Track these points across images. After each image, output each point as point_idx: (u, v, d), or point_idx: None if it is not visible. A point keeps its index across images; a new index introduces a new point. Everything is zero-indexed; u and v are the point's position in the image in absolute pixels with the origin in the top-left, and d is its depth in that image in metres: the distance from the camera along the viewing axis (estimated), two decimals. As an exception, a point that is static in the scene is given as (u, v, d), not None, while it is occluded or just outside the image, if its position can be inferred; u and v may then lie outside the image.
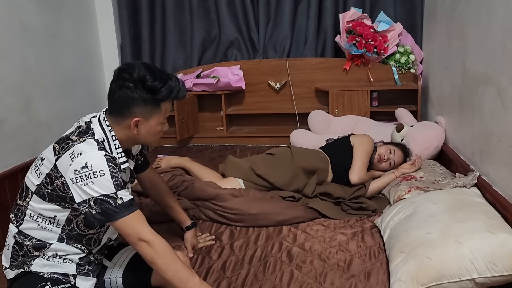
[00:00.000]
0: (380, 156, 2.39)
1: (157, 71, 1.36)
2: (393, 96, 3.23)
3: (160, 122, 1.41)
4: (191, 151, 3.25)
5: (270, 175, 2.25)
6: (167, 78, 1.36)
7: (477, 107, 2.09)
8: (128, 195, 1.30)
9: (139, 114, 1.35)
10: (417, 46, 3.19)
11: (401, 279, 1.45)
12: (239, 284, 1.59)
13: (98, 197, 1.25)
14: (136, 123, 1.36)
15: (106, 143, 1.35)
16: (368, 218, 2.09)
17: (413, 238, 1.59)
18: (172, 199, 1.79)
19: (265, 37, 3.38)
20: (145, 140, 1.45)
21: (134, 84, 1.32)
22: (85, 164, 1.25)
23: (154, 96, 1.34)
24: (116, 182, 1.28)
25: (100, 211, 1.26)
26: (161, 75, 1.35)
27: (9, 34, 2.46)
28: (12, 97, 2.46)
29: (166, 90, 1.35)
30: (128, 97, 1.33)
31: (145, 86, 1.32)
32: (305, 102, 3.35)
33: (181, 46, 3.51)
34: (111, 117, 1.39)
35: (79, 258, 1.42)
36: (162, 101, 1.37)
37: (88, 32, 3.30)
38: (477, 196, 1.84)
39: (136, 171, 1.67)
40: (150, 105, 1.35)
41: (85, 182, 1.25)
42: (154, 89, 1.33)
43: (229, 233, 1.99)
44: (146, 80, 1.32)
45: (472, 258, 1.41)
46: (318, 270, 1.66)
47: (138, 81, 1.32)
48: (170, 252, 1.32)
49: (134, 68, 1.33)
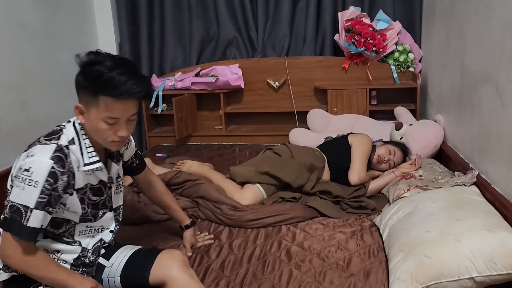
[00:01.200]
0: (380, 157, 2.38)
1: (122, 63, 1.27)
2: (392, 95, 3.22)
3: (100, 118, 1.27)
4: (190, 150, 3.25)
5: (277, 171, 2.23)
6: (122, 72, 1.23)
7: (476, 106, 2.09)
8: (38, 221, 1.23)
9: (81, 100, 1.29)
10: (416, 45, 3.18)
11: (400, 278, 1.45)
12: (238, 283, 1.59)
13: (16, 204, 1.22)
14: (79, 110, 1.30)
15: (76, 144, 1.31)
16: (367, 217, 2.09)
17: (412, 236, 1.58)
18: (170, 198, 1.78)
19: (264, 35, 3.38)
20: (95, 137, 1.33)
21: (80, 66, 1.27)
22: (28, 168, 1.23)
23: (89, 83, 1.24)
24: (42, 199, 1.22)
25: (9, 217, 1.22)
26: (116, 67, 1.24)
27: (7, 32, 2.45)
28: (10, 96, 2.45)
29: (104, 81, 1.22)
30: (76, 78, 1.28)
31: (85, 69, 1.25)
32: (304, 100, 3.35)
33: (180, 44, 3.51)
34: None
35: (73, 259, 1.41)
36: (99, 94, 1.24)
37: (87, 31, 3.30)
38: (476, 194, 1.84)
39: (131, 173, 1.66)
40: (88, 94, 1.26)
41: (18, 184, 1.22)
42: (90, 75, 1.23)
43: (228, 232, 1.99)
44: (89, 64, 1.24)
45: (472, 257, 1.40)
46: (317, 269, 1.66)
47: (84, 63, 1.25)
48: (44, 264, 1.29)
49: (94, 53, 1.27)
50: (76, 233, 1.43)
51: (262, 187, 2.21)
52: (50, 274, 1.30)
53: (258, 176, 2.22)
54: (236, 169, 2.30)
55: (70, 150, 1.30)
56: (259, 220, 2.02)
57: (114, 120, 1.28)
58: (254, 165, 2.28)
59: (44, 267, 1.30)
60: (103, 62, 1.24)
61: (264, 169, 2.23)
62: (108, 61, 1.25)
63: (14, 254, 1.26)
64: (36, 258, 1.29)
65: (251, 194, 2.17)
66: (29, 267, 1.29)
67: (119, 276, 1.48)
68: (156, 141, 3.47)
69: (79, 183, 1.34)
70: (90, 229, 1.46)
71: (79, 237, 1.44)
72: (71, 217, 1.38)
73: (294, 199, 2.19)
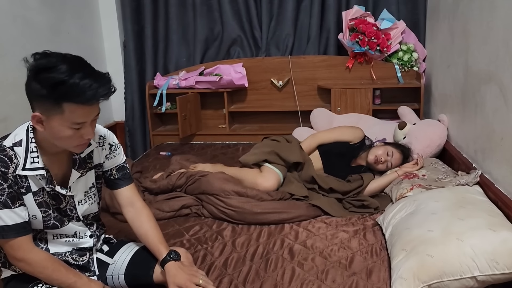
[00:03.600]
0: (377, 158, 2.38)
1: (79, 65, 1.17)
2: (395, 94, 3.22)
3: (65, 126, 1.19)
4: (193, 148, 3.26)
5: (279, 151, 2.33)
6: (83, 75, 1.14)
7: (479, 105, 2.08)
8: (7, 218, 1.22)
9: (38, 109, 1.18)
10: (420, 44, 3.18)
11: (402, 276, 1.46)
12: (240, 281, 1.60)
13: None
14: (37, 119, 1.19)
15: (22, 147, 1.25)
16: (370, 216, 2.09)
17: (414, 235, 1.59)
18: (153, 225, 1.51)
19: (267, 35, 3.38)
20: (59, 143, 1.26)
21: (31, 73, 1.15)
22: None
23: (49, 91, 1.14)
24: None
25: None
26: (74, 71, 1.14)
27: (14, 31, 2.47)
28: (16, 94, 2.47)
29: (66, 88, 1.13)
30: (27, 87, 1.18)
31: (38, 77, 1.14)
32: (308, 100, 3.35)
33: (184, 43, 3.52)
34: None
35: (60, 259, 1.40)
36: (62, 101, 1.15)
37: (91, 30, 3.31)
38: (479, 194, 1.84)
39: (109, 186, 1.52)
40: (48, 102, 1.15)
41: None
42: (48, 82, 1.13)
43: (231, 230, 2.00)
44: (42, 71, 1.13)
45: (474, 256, 1.41)
46: (320, 268, 1.67)
47: (35, 70, 1.14)
48: (51, 263, 1.30)
49: (41, 56, 1.16)
50: (49, 238, 1.39)
51: (276, 167, 2.29)
52: (58, 275, 1.31)
53: (267, 155, 2.30)
54: (245, 156, 2.39)
55: (15, 152, 1.24)
56: (263, 215, 2.03)
57: (80, 125, 1.21)
58: (258, 148, 2.39)
59: (52, 267, 1.31)
60: (57, 66, 1.14)
61: (269, 149, 2.31)
62: (62, 64, 1.15)
63: (23, 257, 1.27)
64: (44, 259, 1.30)
65: (271, 174, 2.25)
66: (38, 268, 1.30)
67: (123, 274, 1.49)
68: (160, 139, 3.49)
69: (33, 186, 1.28)
70: (61, 235, 1.40)
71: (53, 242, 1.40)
72: (34, 225, 1.32)
73: (306, 197, 2.20)
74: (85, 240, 1.46)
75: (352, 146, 2.50)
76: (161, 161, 2.95)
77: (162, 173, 2.44)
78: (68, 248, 1.43)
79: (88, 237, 1.47)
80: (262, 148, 2.37)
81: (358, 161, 2.50)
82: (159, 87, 3.40)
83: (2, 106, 2.38)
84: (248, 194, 2.12)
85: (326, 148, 2.49)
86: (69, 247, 1.43)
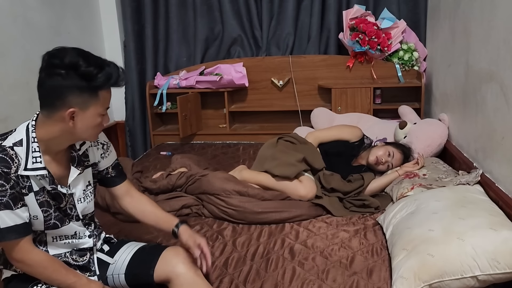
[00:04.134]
0: (378, 158, 2.37)
1: (92, 56, 1.25)
2: (396, 94, 3.22)
3: (99, 113, 1.28)
4: (194, 148, 3.26)
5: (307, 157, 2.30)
6: (103, 63, 1.24)
7: (480, 104, 2.08)
8: (9, 219, 1.22)
9: (74, 104, 1.23)
10: (420, 43, 3.18)
11: (403, 276, 1.45)
12: (241, 281, 1.60)
13: None
14: (71, 114, 1.23)
15: (23, 147, 1.25)
16: (371, 215, 2.09)
17: (415, 235, 1.59)
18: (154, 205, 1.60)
19: (268, 34, 3.38)
20: (83, 135, 1.31)
21: (66, 71, 1.19)
22: None
23: (90, 83, 1.22)
24: (1, 200, 1.20)
25: None
26: (96, 60, 1.24)
27: (14, 31, 2.47)
28: (17, 94, 2.47)
29: (103, 76, 1.23)
30: (60, 85, 1.20)
31: (78, 72, 1.20)
32: (308, 99, 3.35)
33: (184, 43, 3.51)
34: (42, 112, 1.27)
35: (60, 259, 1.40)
36: (99, 89, 1.25)
37: (92, 30, 3.31)
38: (480, 193, 1.84)
39: (106, 185, 1.55)
40: (86, 93, 1.23)
41: None
42: (89, 75, 1.21)
43: (231, 229, 2.00)
44: (80, 66, 1.19)
45: (475, 255, 1.41)
46: (320, 267, 1.67)
47: (70, 67, 1.19)
48: (51, 264, 1.31)
49: (65, 53, 1.20)
50: (49, 240, 1.39)
51: (310, 174, 2.27)
52: (58, 275, 1.31)
53: (303, 165, 2.24)
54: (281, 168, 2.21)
55: (15, 152, 1.24)
56: (264, 214, 2.02)
57: (106, 111, 1.31)
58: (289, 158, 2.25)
59: (52, 268, 1.31)
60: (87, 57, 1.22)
61: (301, 157, 2.25)
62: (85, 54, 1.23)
63: (22, 258, 1.27)
64: (43, 260, 1.30)
65: (311, 183, 2.20)
66: (37, 268, 1.30)
67: (123, 273, 1.48)
68: (161, 139, 3.49)
69: (34, 185, 1.28)
70: (60, 237, 1.40)
71: (52, 244, 1.40)
72: (34, 225, 1.32)
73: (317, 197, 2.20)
74: (84, 240, 1.46)
75: (352, 145, 2.50)
76: (162, 161, 2.95)
77: (162, 172, 2.44)
78: (68, 249, 1.43)
79: (87, 237, 1.46)
80: (293, 156, 2.25)
81: (359, 160, 2.49)
82: (160, 86, 3.40)
83: (2, 106, 2.38)
84: (249, 193, 2.12)
85: (325, 148, 2.49)
86: (69, 248, 1.43)
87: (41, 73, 1.23)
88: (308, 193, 2.15)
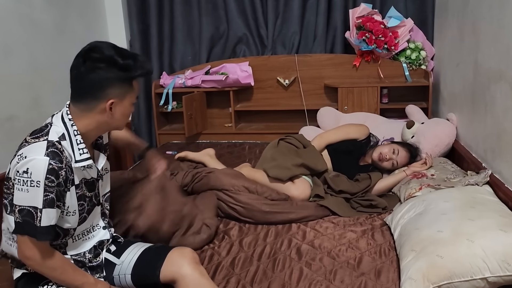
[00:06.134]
0: (382, 155, 2.36)
1: (124, 49, 1.34)
2: (403, 93, 3.19)
3: (132, 102, 1.39)
4: (199, 147, 3.24)
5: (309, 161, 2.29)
6: (135, 56, 1.33)
7: (489, 104, 2.06)
8: (50, 219, 1.25)
9: (114, 95, 1.31)
10: (428, 42, 3.15)
11: (412, 277, 1.44)
12: (248, 281, 1.59)
13: (25, 207, 1.22)
14: (110, 105, 1.32)
15: (67, 140, 1.31)
16: (378, 215, 2.07)
17: (424, 236, 1.57)
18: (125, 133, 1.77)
19: (273, 33, 3.36)
20: (118, 124, 1.40)
21: (106, 64, 1.27)
22: (26, 169, 1.22)
23: (127, 74, 1.31)
24: (48, 197, 1.23)
25: (21, 221, 1.23)
26: (128, 53, 1.33)
27: (19, 30, 2.47)
28: (22, 94, 2.47)
29: (139, 67, 1.33)
30: (102, 78, 1.28)
31: (117, 65, 1.28)
32: (314, 98, 3.33)
33: (190, 42, 3.51)
34: (79, 106, 1.33)
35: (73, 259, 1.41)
36: (134, 79, 1.35)
37: (97, 29, 3.31)
38: (489, 194, 1.82)
39: None
40: (125, 84, 1.33)
41: (21, 187, 1.22)
42: (127, 67, 1.30)
43: (238, 229, 1.99)
44: (118, 59, 1.28)
45: (485, 257, 1.39)
46: (328, 268, 1.65)
47: (110, 60, 1.28)
48: (61, 265, 1.32)
49: (102, 48, 1.28)
50: (69, 242, 1.42)
51: (307, 177, 2.27)
52: (66, 276, 1.33)
53: (299, 169, 2.25)
54: (276, 171, 2.23)
55: (62, 146, 1.29)
56: (272, 214, 2.01)
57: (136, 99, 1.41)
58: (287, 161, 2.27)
59: (61, 269, 1.32)
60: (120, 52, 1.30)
61: (299, 161, 2.26)
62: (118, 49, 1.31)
63: (33, 256, 1.28)
64: (54, 260, 1.31)
65: (305, 185, 2.22)
66: (47, 269, 1.31)
67: (129, 274, 1.48)
68: (166, 138, 3.48)
69: (76, 178, 1.33)
70: (82, 232, 1.44)
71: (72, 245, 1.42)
72: (70, 222, 1.35)
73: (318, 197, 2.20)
74: (100, 233, 1.49)
75: (359, 143, 2.49)
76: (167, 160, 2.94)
77: None
78: (86, 247, 1.45)
79: (101, 228, 1.49)
80: (291, 160, 2.26)
81: (366, 159, 2.48)
82: (165, 86, 3.40)
83: (8, 105, 2.38)
84: (257, 191, 2.11)
85: (334, 147, 2.48)
86: (87, 247, 1.45)
87: (78, 68, 1.28)
88: (300, 194, 2.17)
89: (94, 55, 1.27)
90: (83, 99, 1.32)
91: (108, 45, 1.30)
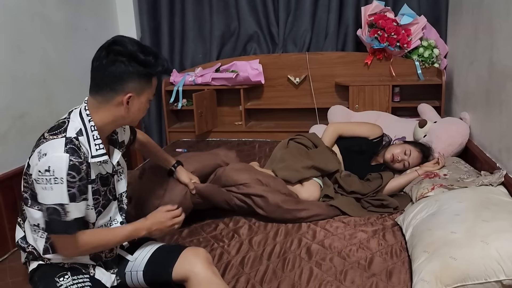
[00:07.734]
0: (394, 156, 2.33)
1: (146, 46, 1.35)
2: (415, 91, 3.15)
3: (149, 99, 1.40)
4: (209, 145, 3.25)
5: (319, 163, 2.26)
6: (156, 53, 1.35)
7: (505, 103, 2.02)
8: (78, 211, 1.28)
9: (132, 89, 1.33)
10: (441, 40, 3.10)
11: (424, 279, 1.42)
12: (257, 281, 1.58)
13: (51, 205, 1.24)
14: (127, 99, 1.34)
15: (84, 136, 1.32)
16: (389, 216, 2.05)
17: (437, 237, 1.55)
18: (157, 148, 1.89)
19: (285, 31, 3.34)
20: (133, 118, 1.41)
21: (127, 58, 1.29)
22: (48, 168, 1.23)
23: (147, 70, 1.33)
24: (70, 192, 1.25)
25: (49, 220, 1.25)
26: (150, 50, 1.34)
27: (31, 28, 2.48)
28: (34, 91, 2.49)
29: (159, 65, 1.34)
30: (122, 71, 1.30)
31: (138, 60, 1.30)
32: (325, 97, 3.31)
33: (200, 40, 3.50)
34: (97, 98, 1.35)
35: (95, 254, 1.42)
36: (153, 76, 1.37)
37: (109, 26, 3.32)
38: (504, 195, 1.79)
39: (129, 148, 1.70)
40: (144, 80, 1.34)
41: (44, 186, 1.23)
42: (147, 63, 1.31)
43: (247, 228, 1.98)
44: (139, 54, 1.30)
45: (499, 259, 1.36)
46: (338, 268, 1.64)
47: (132, 54, 1.29)
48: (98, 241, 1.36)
49: (125, 42, 1.30)
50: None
51: (317, 179, 2.25)
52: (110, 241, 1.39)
53: (310, 171, 2.23)
54: (285, 173, 2.22)
55: (79, 141, 1.30)
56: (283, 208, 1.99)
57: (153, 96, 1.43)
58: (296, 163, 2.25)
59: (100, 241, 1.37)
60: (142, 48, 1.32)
61: (309, 164, 2.23)
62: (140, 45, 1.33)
63: (72, 250, 1.32)
64: (91, 240, 1.34)
65: (314, 187, 2.20)
66: (91, 249, 1.37)
67: (142, 271, 1.48)
68: (176, 136, 3.49)
69: (92, 174, 1.34)
70: (101, 226, 1.45)
71: None
72: (89, 216, 1.37)
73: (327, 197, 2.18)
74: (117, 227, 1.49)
75: (372, 142, 2.46)
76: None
77: None
78: None
79: (119, 223, 1.49)
80: (300, 162, 2.24)
81: (378, 159, 2.46)
82: (175, 83, 3.40)
83: (20, 102, 2.39)
84: (270, 185, 2.08)
85: (346, 145, 2.45)
86: None
87: (100, 60, 1.31)
88: (309, 197, 2.15)
89: (117, 48, 1.29)
90: (101, 91, 1.33)
91: (132, 40, 1.33)
